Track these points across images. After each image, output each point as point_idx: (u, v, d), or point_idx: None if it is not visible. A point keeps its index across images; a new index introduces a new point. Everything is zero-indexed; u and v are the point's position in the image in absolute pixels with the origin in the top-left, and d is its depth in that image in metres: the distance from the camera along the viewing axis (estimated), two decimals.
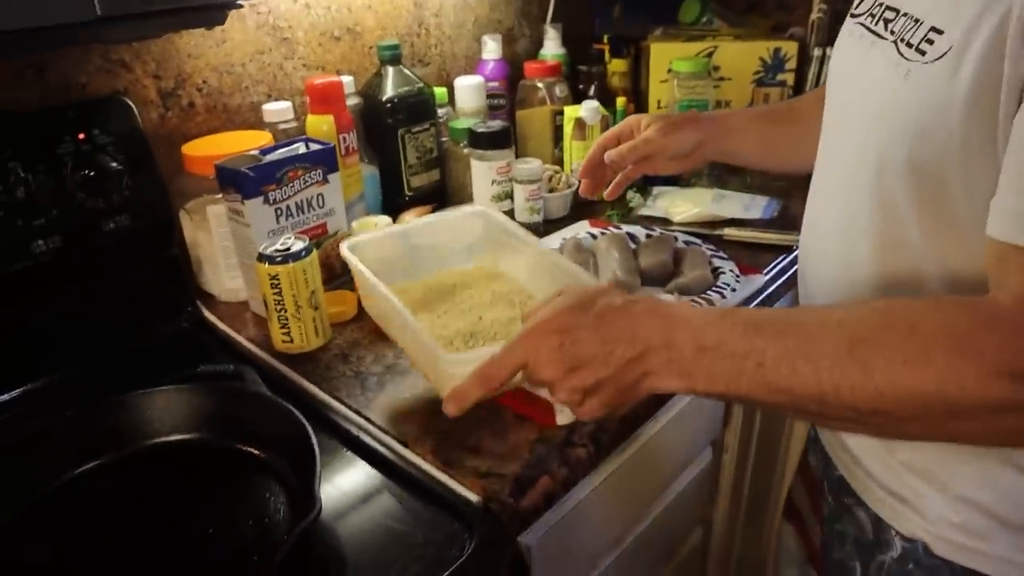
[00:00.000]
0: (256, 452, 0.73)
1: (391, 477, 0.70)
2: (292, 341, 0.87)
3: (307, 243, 0.85)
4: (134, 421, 0.75)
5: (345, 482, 0.71)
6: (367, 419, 0.77)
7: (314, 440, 0.64)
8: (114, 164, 0.89)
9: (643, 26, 1.59)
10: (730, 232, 1.10)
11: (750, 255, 1.06)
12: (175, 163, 0.99)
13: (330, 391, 0.82)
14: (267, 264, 0.83)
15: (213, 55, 1.05)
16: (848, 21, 0.68)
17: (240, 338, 0.94)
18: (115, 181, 0.90)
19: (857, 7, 0.68)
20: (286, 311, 0.85)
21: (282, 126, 1.08)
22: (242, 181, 0.87)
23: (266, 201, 0.89)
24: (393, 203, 1.21)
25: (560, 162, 1.30)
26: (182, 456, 0.74)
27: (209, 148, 0.98)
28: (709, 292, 0.90)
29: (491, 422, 0.72)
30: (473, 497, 0.65)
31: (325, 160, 0.95)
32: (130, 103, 0.92)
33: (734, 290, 0.91)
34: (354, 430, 0.76)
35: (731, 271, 0.95)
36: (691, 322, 0.54)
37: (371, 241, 0.84)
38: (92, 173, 0.88)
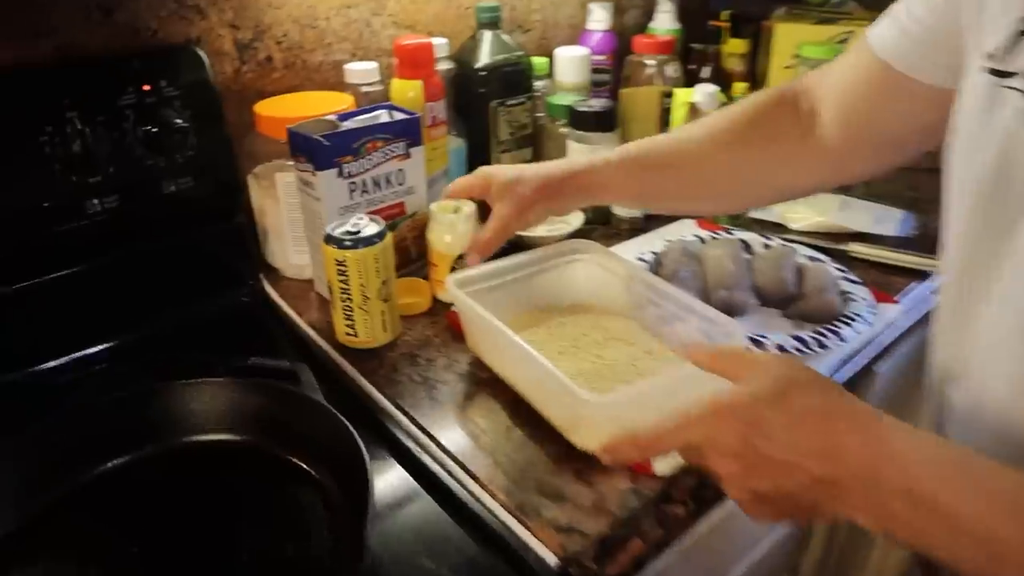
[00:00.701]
0: (303, 465, 0.64)
1: (452, 514, 0.60)
2: (356, 335, 0.78)
3: (381, 226, 0.75)
4: (176, 414, 0.67)
5: (397, 508, 0.61)
6: (431, 437, 0.67)
7: (370, 473, 0.54)
8: (179, 121, 0.81)
9: (764, 3, 1.43)
10: (857, 248, 0.96)
11: (879, 278, 0.92)
12: (247, 122, 0.90)
13: (393, 397, 0.72)
14: (334, 247, 0.74)
15: (295, 6, 0.95)
16: (985, 77, 0.47)
17: (301, 321, 0.86)
18: (180, 139, 0.81)
19: (1000, 57, 0.46)
20: (352, 302, 0.76)
21: (365, 89, 0.98)
22: (315, 149, 0.78)
23: (340, 174, 0.80)
24: None
25: None
26: (223, 458, 0.66)
27: (284, 108, 0.89)
28: (836, 323, 0.77)
29: (577, 462, 0.62)
30: (550, 557, 0.55)
31: (409, 132, 0.84)
32: (202, 54, 0.83)
33: (868, 324, 0.77)
34: (415, 448, 0.67)
35: (864, 299, 0.81)
36: (902, 456, 0.42)
37: (476, 276, 0.76)
38: (155, 129, 0.79)
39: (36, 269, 0.76)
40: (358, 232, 0.74)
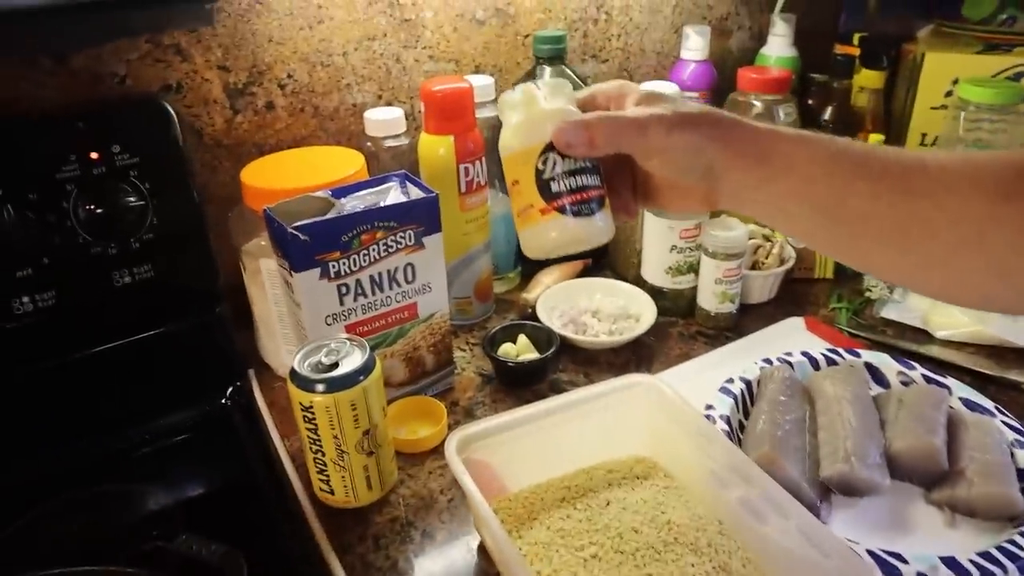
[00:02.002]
0: None
1: None
2: (332, 493, 0.59)
3: (366, 355, 0.56)
4: None
5: None
6: None
7: None
8: (132, 199, 0.64)
9: (907, 21, 1.15)
10: None
11: None
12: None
13: None
14: (299, 389, 0.55)
15: (303, 40, 0.77)
16: None
17: (283, 449, 0.68)
18: (134, 219, 0.65)
19: None
20: (324, 455, 0.57)
21: (389, 142, 0.79)
22: (291, 246, 0.59)
23: (325, 274, 0.61)
24: None
25: None
26: None
27: (275, 174, 0.71)
28: (1015, 533, 0.52)
29: None
30: None
31: (422, 216, 0.64)
32: (169, 109, 0.66)
33: None
34: None
35: None
36: None
37: (491, 430, 0.55)
38: (101, 209, 0.63)
39: None
40: (333, 365, 0.55)
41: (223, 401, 0.74)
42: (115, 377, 0.68)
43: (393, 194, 0.66)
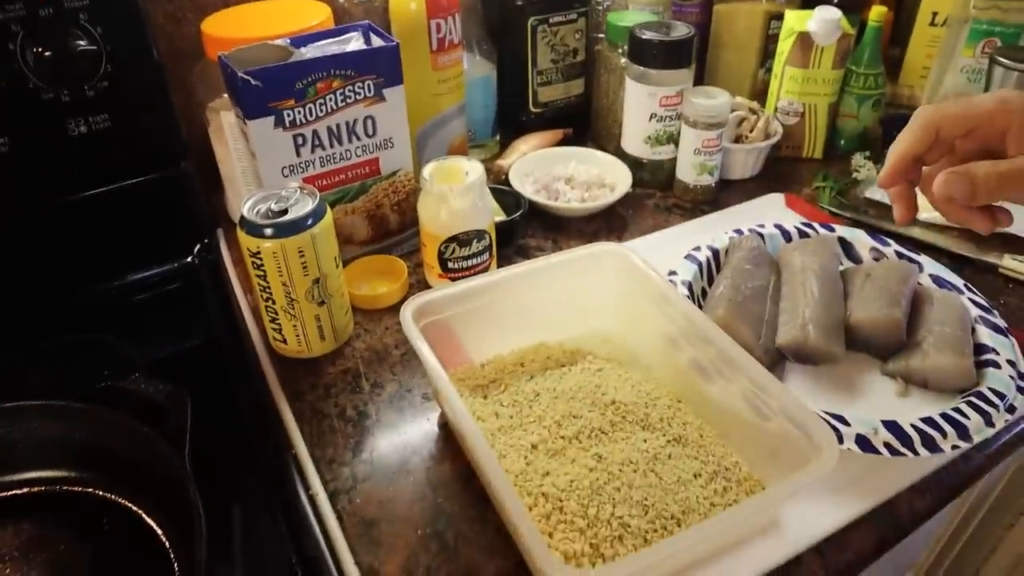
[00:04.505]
0: (139, 513, 0.47)
1: None
2: (285, 342, 0.59)
3: (316, 202, 0.55)
4: None
5: None
6: (340, 520, 0.48)
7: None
8: (83, 43, 0.61)
9: None
10: (1013, 265, 0.68)
11: None
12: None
13: (313, 441, 0.54)
14: (247, 235, 0.54)
15: None
16: None
17: (245, 303, 0.68)
18: (88, 65, 0.62)
19: None
20: (274, 304, 0.57)
21: None
22: (243, 92, 0.57)
23: (279, 123, 0.59)
24: (512, 120, 0.88)
25: (763, 94, 0.88)
26: (37, 502, 0.50)
27: (239, 24, 0.68)
28: (962, 406, 0.51)
29: None
30: None
31: (383, 66, 0.62)
32: None
33: (1011, 408, 0.51)
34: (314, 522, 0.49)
35: (1010, 361, 0.55)
36: None
37: (447, 298, 0.53)
38: (50, 52, 0.60)
39: None
40: (283, 212, 0.54)
41: (190, 259, 0.73)
42: (79, 231, 0.68)
43: (354, 44, 0.63)
